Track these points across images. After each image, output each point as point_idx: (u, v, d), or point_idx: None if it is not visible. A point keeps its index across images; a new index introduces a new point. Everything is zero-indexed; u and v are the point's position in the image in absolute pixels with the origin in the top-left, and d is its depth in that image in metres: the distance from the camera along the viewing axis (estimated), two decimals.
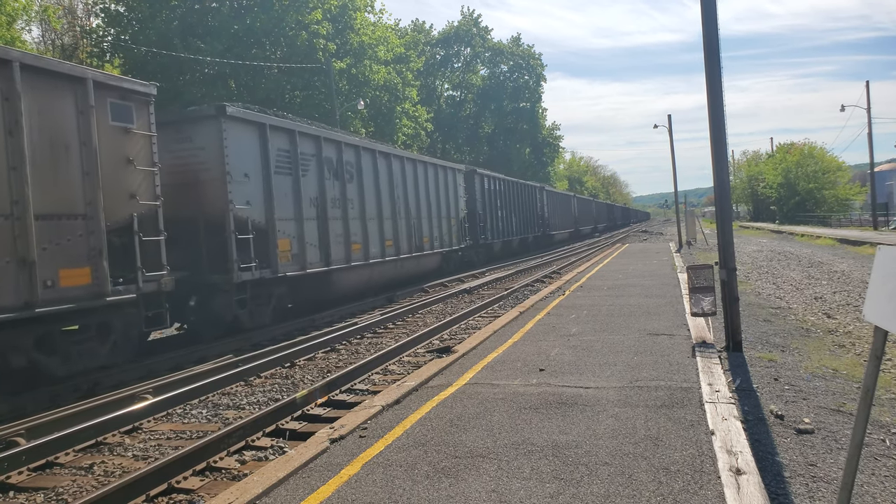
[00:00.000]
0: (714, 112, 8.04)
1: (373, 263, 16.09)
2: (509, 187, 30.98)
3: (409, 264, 18.62)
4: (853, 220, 54.13)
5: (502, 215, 29.19)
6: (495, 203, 28.02)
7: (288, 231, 12.66)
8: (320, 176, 13.86)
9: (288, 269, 12.58)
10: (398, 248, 17.60)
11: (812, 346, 8.72)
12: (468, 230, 23.97)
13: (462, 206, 23.40)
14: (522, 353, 8.05)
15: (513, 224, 31.16)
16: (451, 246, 21.95)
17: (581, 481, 4.09)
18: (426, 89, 54.71)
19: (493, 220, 27.54)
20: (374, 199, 16.42)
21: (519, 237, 32.26)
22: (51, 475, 5.52)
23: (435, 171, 21.16)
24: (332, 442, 5.12)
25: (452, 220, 22.23)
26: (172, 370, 9.16)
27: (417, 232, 19.04)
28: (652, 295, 12.89)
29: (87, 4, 35.19)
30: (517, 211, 32.18)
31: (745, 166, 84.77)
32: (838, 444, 4.81)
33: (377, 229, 16.39)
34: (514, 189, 31.98)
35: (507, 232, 30.00)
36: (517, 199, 32.32)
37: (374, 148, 16.81)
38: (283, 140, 12.85)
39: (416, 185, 19.21)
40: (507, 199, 30.34)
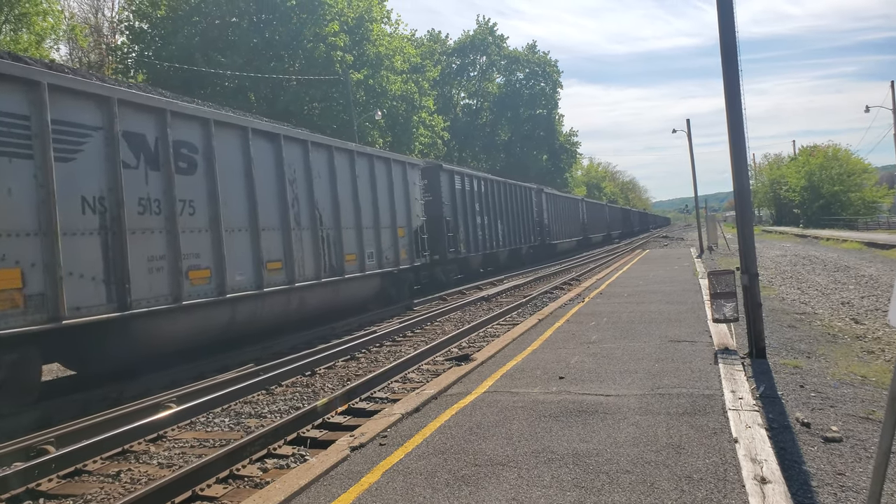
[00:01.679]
0: (733, 115, 7.98)
1: (239, 299, 10.68)
2: (494, 188, 26.22)
3: (319, 295, 13.16)
4: (881, 223, 53.11)
5: (484, 222, 24.35)
6: (472, 207, 23.15)
7: (19, 254, 7.36)
8: (111, 162, 8.63)
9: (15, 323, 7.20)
10: (293, 273, 12.01)
11: (839, 352, 8.56)
12: (428, 242, 18.53)
13: (418, 212, 18.07)
14: (542, 360, 8.02)
15: (499, 232, 26.23)
16: (397, 265, 16.46)
17: (602, 490, 4.06)
18: (442, 98, 54.98)
19: (469, 228, 22.72)
20: (244, 201, 11.05)
21: (508, 248, 27.57)
22: (79, 482, 5.61)
23: (369, 163, 15.51)
24: (353, 450, 5.14)
25: (401, 231, 16.90)
26: (195, 379, 9.26)
27: (335, 247, 13.64)
28: (673, 301, 12.77)
29: (112, 22, 36.00)
30: (506, 217, 27.42)
31: (766, 170, 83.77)
32: (868, 453, 4.72)
33: (249, 246, 11.05)
34: (502, 191, 27.17)
35: (491, 242, 25.16)
36: (506, 203, 27.53)
37: (245, 125, 11.39)
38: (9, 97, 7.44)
39: (332, 181, 13.78)
40: (492, 202, 25.58)
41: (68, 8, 32.60)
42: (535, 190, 33.49)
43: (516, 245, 28.76)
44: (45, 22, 25.67)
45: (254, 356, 10.69)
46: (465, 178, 23.11)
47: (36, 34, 25.20)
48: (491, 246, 25.15)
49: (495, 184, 26.69)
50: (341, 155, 14.39)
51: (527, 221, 30.84)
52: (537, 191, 33.83)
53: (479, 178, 24.73)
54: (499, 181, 27.50)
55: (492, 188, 25.88)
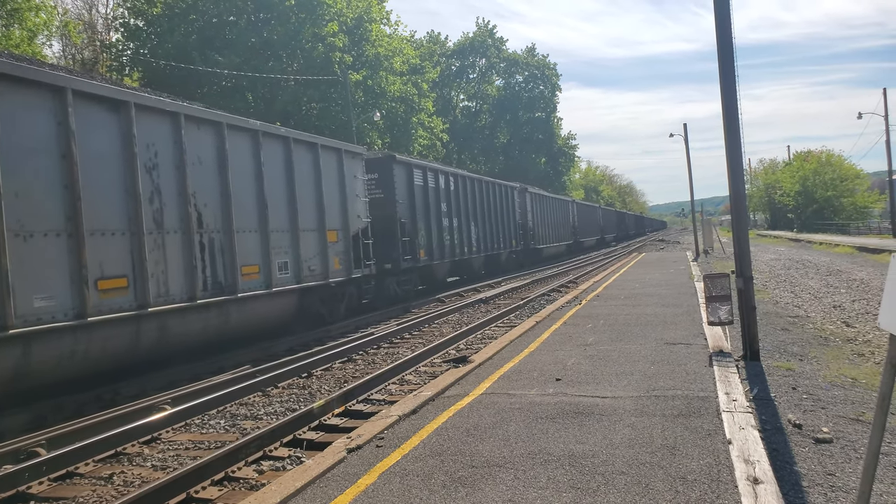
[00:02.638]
0: (729, 121, 8.03)
1: (36, 335, 7.35)
2: (467, 186, 23.15)
3: (193, 322, 9.81)
4: (872, 228, 53.44)
5: (453, 225, 21.25)
6: (438, 207, 20.05)
7: None
8: None
9: None
10: (146, 293, 8.77)
11: (831, 354, 8.62)
12: (375, 248, 15.53)
13: (360, 212, 14.84)
14: (539, 362, 8.05)
15: (472, 236, 23.11)
16: (327, 277, 13.12)
17: (598, 491, 4.09)
18: (442, 100, 55.05)
19: (434, 231, 19.52)
20: (58, 192, 7.80)
21: (484, 254, 24.57)
22: (71, 485, 5.60)
23: (285, 148, 12.12)
24: (350, 452, 5.15)
25: (333, 234, 13.52)
26: (191, 380, 9.25)
27: (223, 257, 10.39)
28: (668, 304, 12.82)
29: (106, 19, 35.94)
30: (482, 219, 24.47)
31: (761, 175, 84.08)
32: (857, 454, 4.76)
33: (64, 256, 7.78)
34: (476, 189, 24.12)
35: (462, 247, 22.07)
36: (482, 204, 24.60)
37: (64, 84, 7.98)
38: None
39: (221, 170, 10.51)
40: (464, 202, 22.64)
41: (61, 4, 32.54)
42: (518, 189, 30.54)
43: (494, 250, 25.70)
44: (37, 18, 25.59)
45: (250, 358, 10.69)
46: (429, 174, 19.76)
47: (28, 30, 25.12)
48: (462, 252, 21.95)
49: (468, 181, 23.55)
50: (239, 136, 10.98)
51: (508, 224, 27.67)
52: (520, 190, 30.81)
53: (447, 174, 21.38)
54: (473, 178, 24.36)
55: (464, 186, 22.80)
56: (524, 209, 30.62)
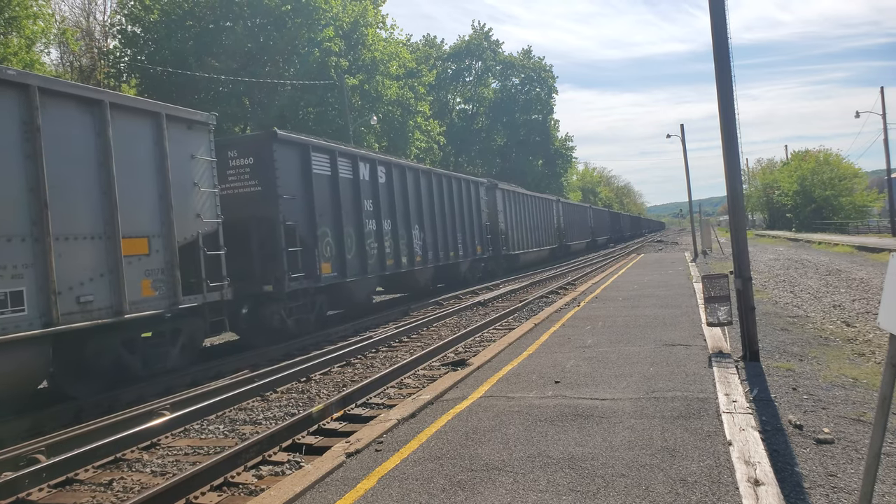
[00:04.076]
0: (726, 121, 8.03)
1: None
2: (406, 179, 18.14)
3: None
4: (871, 227, 53.50)
5: (382, 228, 16.34)
6: (358, 206, 15.25)
7: None
8: None
9: None
10: None
11: (831, 354, 8.61)
12: (233, 262, 11.19)
13: (200, 208, 10.35)
14: (538, 365, 8.03)
15: (414, 243, 18.26)
16: (121, 312, 8.58)
17: (598, 493, 4.07)
18: (438, 103, 55.07)
19: (350, 237, 14.77)
20: None
21: (434, 265, 19.75)
22: (70, 491, 5.58)
23: (21, 101, 7.58)
24: (349, 456, 5.14)
25: (144, 244, 9.22)
26: (189, 386, 9.24)
27: None
28: (667, 305, 12.81)
29: (104, 26, 35.93)
30: (432, 220, 19.74)
31: (759, 174, 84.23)
32: (859, 454, 4.75)
33: None
34: (421, 183, 19.20)
35: (397, 258, 17.10)
36: (430, 202, 19.77)
37: None
38: None
39: None
40: (401, 199, 17.72)
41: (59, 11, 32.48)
42: (486, 185, 26.24)
43: (451, 259, 21.06)
44: (35, 25, 25.58)
45: (249, 363, 10.67)
46: (342, 160, 14.71)
47: (26, 38, 25.08)
48: (398, 263, 17.10)
49: (410, 173, 18.56)
50: None
51: (471, 227, 23.30)
52: (489, 186, 26.54)
53: (373, 162, 16.34)
54: (416, 169, 19.44)
55: (401, 179, 17.84)
56: (494, 209, 26.53)
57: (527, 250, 31.02)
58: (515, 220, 29.34)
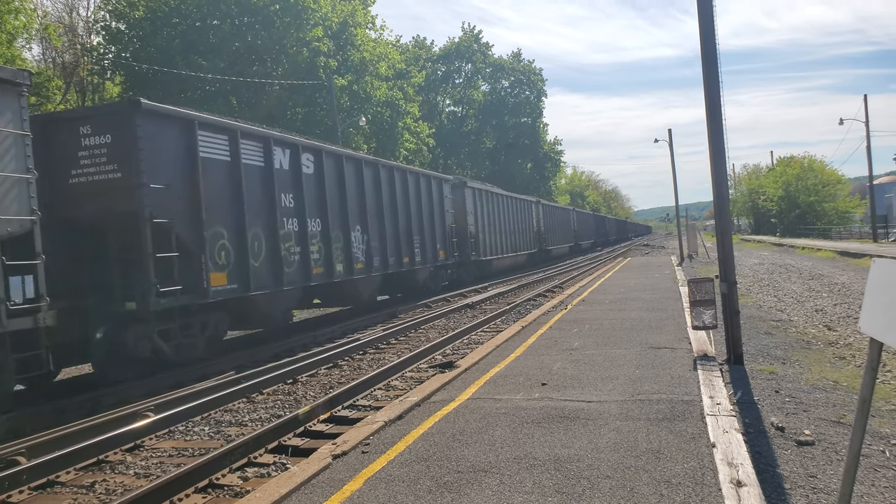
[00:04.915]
0: (713, 126, 8.11)
1: None
2: (343, 171, 14.97)
3: None
4: (853, 233, 54.19)
5: (307, 229, 13.27)
6: (271, 201, 12.29)
7: None
8: None
9: None
10: None
11: (813, 358, 8.72)
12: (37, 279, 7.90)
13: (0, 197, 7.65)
14: (525, 367, 8.06)
15: (353, 247, 15.20)
16: None
17: (583, 495, 4.10)
18: (427, 105, 55.09)
19: (259, 240, 11.84)
20: None
21: (381, 272, 16.69)
22: (52, 494, 5.52)
23: None
24: (335, 458, 5.13)
25: None
26: (174, 387, 9.17)
27: None
28: (653, 308, 12.90)
29: (87, 22, 35.58)
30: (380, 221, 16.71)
31: (745, 180, 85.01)
32: (838, 456, 4.82)
33: None
34: (366, 177, 16.02)
35: (329, 265, 14.10)
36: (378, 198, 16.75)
37: None
38: None
39: None
40: (336, 194, 14.73)
41: (41, 6, 32.13)
42: (453, 183, 23.50)
43: (406, 266, 18.32)
44: (16, 21, 25.28)
45: (234, 364, 10.61)
46: (247, 144, 11.73)
47: (7, 33, 24.77)
48: (330, 271, 14.08)
49: (350, 163, 15.51)
50: None
51: (432, 229, 20.58)
52: (456, 185, 23.85)
53: (294, 148, 13.21)
54: (358, 159, 16.26)
55: (337, 170, 14.76)
56: (462, 209, 23.91)
57: (501, 255, 28.44)
58: (488, 222, 26.93)
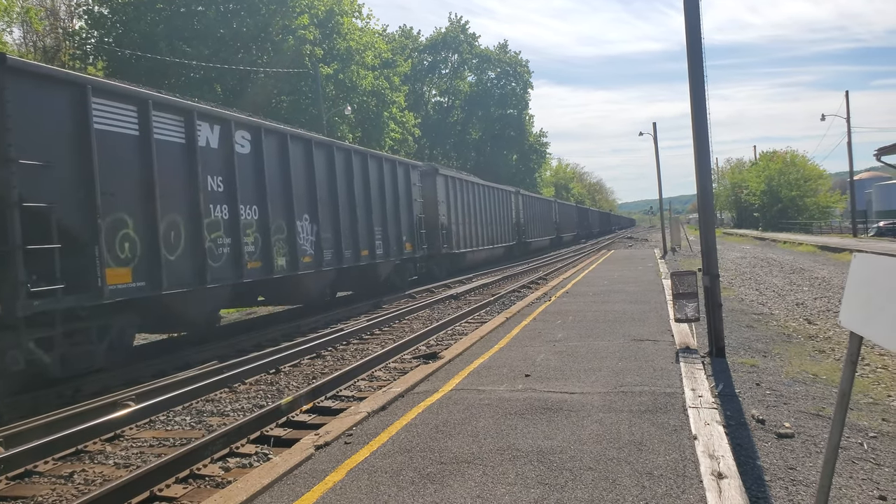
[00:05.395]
0: (698, 120, 8.14)
1: None
2: (287, 153, 13.10)
3: None
4: (834, 228, 54.94)
5: (239, 218, 11.43)
6: (194, 184, 10.51)
7: None
8: None
9: None
10: None
11: (793, 351, 8.83)
12: None
13: None
14: (508, 358, 8.08)
15: (300, 238, 13.32)
16: None
17: (565, 486, 4.11)
18: (413, 95, 54.84)
19: (176, 229, 10.06)
20: None
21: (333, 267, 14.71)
22: (29, 484, 5.45)
23: None
24: (318, 448, 5.10)
25: None
26: (156, 377, 9.08)
27: None
28: (637, 301, 12.98)
29: (69, 6, 34.91)
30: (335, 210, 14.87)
31: (728, 174, 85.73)
32: (817, 448, 4.88)
33: None
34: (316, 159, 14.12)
35: (268, 259, 12.20)
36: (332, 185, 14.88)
37: None
38: None
39: None
40: (278, 178, 12.86)
41: None
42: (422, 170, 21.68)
43: (366, 259, 16.33)
44: None
45: (217, 353, 10.53)
46: (161, 117, 9.97)
47: None
48: (269, 265, 12.14)
49: (299, 144, 13.58)
50: None
51: (396, 219, 18.36)
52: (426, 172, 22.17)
53: (230, 125, 11.38)
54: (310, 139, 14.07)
55: (280, 152, 12.88)
56: (433, 198, 22.19)
57: (476, 248, 27.07)
58: (462, 212, 25.36)
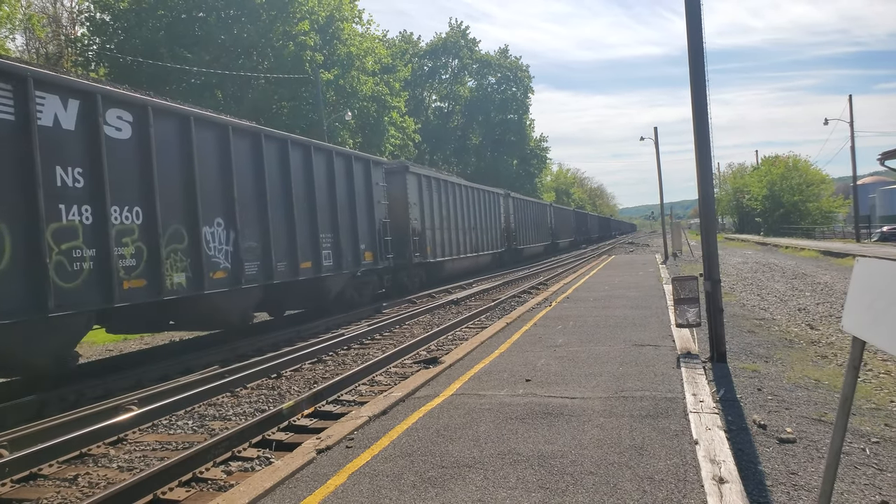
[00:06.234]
0: (699, 124, 8.17)
1: None
2: (192, 140, 10.30)
3: None
4: (836, 233, 54.94)
5: (111, 223, 8.69)
6: (34, 177, 7.69)
7: None
8: None
9: None
10: None
11: (795, 356, 8.83)
12: None
13: None
14: (509, 363, 8.09)
15: (207, 247, 10.52)
16: None
17: (566, 490, 4.12)
18: (414, 100, 54.94)
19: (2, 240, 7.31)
20: None
21: (259, 283, 11.87)
22: (34, 487, 5.47)
23: None
24: (319, 452, 5.12)
25: None
26: (158, 381, 9.10)
27: None
28: (638, 306, 12.98)
29: (71, 13, 35.10)
30: (264, 212, 12.15)
31: (730, 179, 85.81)
32: (819, 453, 4.88)
33: None
34: (231, 149, 11.16)
35: (165, 272, 9.53)
36: (259, 178, 12.10)
37: None
38: None
39: None
40: (184, 174, 10.21)
41: None
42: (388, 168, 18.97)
43: (309, 272, 13.52)
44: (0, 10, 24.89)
45: (219, 358, 10.55)
46: None
47: None
48: (157, 284, 9.47)
49: (208, 129, 10.85)
50: None
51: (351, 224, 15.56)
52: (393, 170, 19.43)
53: (94, 98, 8.67)
54: (226, 125, 11.23)
55: (188, 139, 10.29)
56: (403, 201, 19.46)
57: (456, 256, 24.22)
58: (439, 216, 22.49)
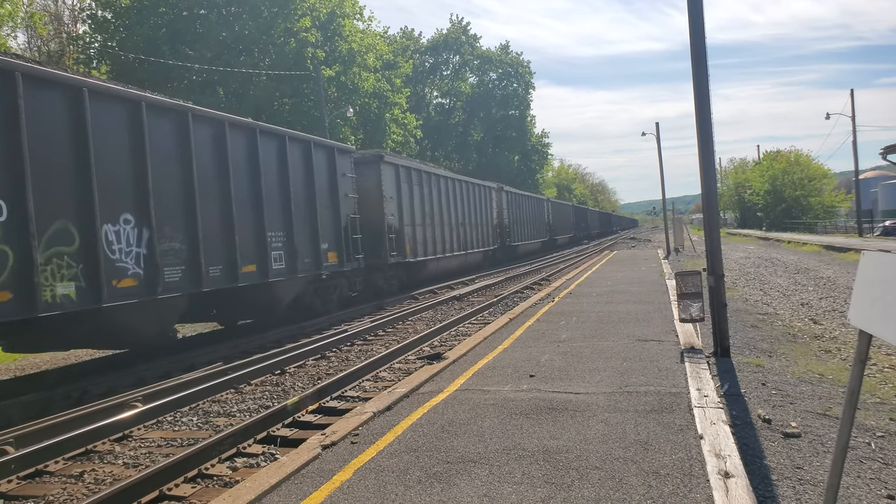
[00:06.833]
0: (701, 120, 8.14)
1: None
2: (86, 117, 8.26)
3: None
4: (839, 227, 54.82)
5: None
6: None
7: None
8: None
9: None
10: None
11: (799, 351, 8.82)
12: None
13: None
14: (513, 359, 8.09)
15: (109, 248, 8.61)
16: None
17: (572, 485, 4.12)
18: (415, 97, 54.85)
19: None
20: None
21: (184, 291, 9.92)
22: (40, 483, 5.49)
23: None
24: (324, 448, 5.12)
25: None
26: (162, 378, 9.12)
27: None
28: (641, 301, 12.98)
29: (73, 11, 35.08)
30: (192, 206, 10.18)
31: (732, 174, 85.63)
32: (824, 448, 4.88)
33: None
34: (145, 129, 9.20)
35: (41, 283, 7.54)
36: (186, 168, 10.13)
37: None
38: None
39: None
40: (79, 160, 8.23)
41: None
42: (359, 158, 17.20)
43: (254, 276, 11.73)
44: (1, 8, 24.87)
45: (222, 355, 10.56)
46: None
47: None
48: (27, 299, 7.49)
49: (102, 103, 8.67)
50: None
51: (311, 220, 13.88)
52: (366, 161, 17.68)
53: None
54: (139, 100, 9.38)
55: (82, 115, 8.29)
56: (376, 194, 17.66)
57: (441, 255, 22.22)
58: (421, 212, 20.56)
